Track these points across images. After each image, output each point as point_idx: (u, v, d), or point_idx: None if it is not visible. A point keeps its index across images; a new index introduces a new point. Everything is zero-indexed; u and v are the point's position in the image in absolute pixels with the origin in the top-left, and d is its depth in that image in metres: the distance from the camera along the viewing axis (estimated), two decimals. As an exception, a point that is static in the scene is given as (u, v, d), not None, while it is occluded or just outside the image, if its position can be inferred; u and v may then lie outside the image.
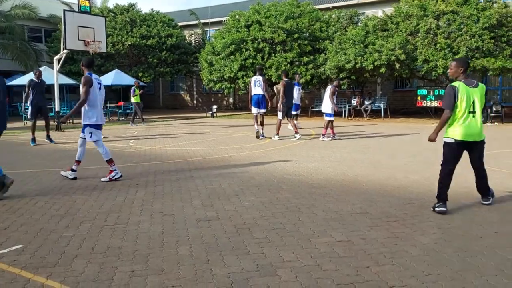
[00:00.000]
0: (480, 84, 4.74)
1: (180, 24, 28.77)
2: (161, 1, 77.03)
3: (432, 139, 4.94)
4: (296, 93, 13.90)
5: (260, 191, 5.75)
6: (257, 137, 11.69)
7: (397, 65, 16.19)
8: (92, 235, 4.10)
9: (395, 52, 15.88)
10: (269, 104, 11.53)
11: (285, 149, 9.76)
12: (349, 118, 19.34)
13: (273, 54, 19.76)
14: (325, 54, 19.27)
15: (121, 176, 6.56)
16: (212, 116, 21.93)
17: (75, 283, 3.09)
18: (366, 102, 19.69)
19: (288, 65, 19.33)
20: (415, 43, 16.39)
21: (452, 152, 4.75)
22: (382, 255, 3.54)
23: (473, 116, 4.62)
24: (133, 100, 17.35)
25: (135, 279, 3.15)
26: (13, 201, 5.40)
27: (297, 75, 15.69)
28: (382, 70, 16.49)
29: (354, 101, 20.22)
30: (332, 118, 11.23)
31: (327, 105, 11.29)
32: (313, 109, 22.01)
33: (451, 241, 3.82)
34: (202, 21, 29.15)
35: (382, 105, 19.69)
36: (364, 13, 22.49)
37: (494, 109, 16.38)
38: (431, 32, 16.06)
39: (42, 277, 3.20)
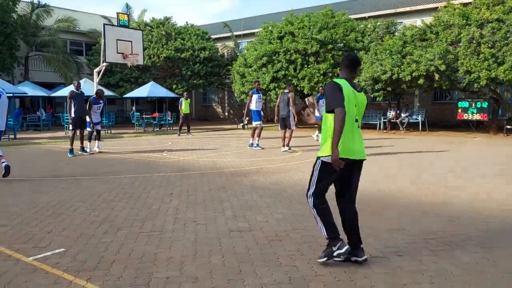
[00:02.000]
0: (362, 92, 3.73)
1: (213, 36, 29.27)
2: (196, 14, 78.82)
3: (335, 160, 3.38)
4: (321, 105, 13.99)
5: (292, 204, 5.68)
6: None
7: (437, 76, 15.72)
8: (129, 241, 4.17)
9: (434, 62, 15.45)
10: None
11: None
12: (385, 131, 18.94)
13: (306, 66, 19.69)
14: (360, 64, 19.00)
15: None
16: (243, 128, 22.03)
17: (113, 287, 3.16)
18: (402, 115, 19.22)
19: (321, 76, 19.19)
20: (456, 53, 15.87)
21: (332, 175, 3.55)
22: (421, 273, 3.39)
23: (358, 126, 3.59)
24: (182, 111, 17.76)
25: (170, 286, 3.18)
26: (56, 206, 5.58)
27: (321, 88, 15.70)
28: (421, 81, 16.07)
29: (390, 114, 19.79)
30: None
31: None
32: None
33: (496, 261, 3.62)
34: (235, 33, 29.53)
35: (419, 118, 19.15)
36: (401, 22, 22.05)
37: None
38: (474, 41, 15.49)
39: (83, 280, 3.30)
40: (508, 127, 16.48)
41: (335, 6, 25.66)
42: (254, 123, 12.40)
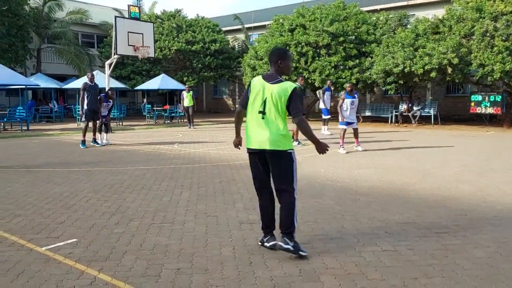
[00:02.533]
0: (288, 84, 3.59)
1: (224, 29, 29.18)
2: (207, 7, 78.62)
3: (234, 144, 4.21)
4: (326, 98, 14.22)
5: (302, 197, 5.66)
6: None
7: (450, 70, 15.51)
8: (141, 232, 4.22)
9: (447, 55, 15.23)
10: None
11: (328, 155, 9.61)
12: (396, 125, 18.78)
13: (317, 58, 19.55)
14: (372, 57, 18.83)
15: None
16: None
17: (124, 278, 3.20)
18: (414, 108, 19.03)
19: (332, 69, 19.05)
20: (470, 46, 15.62)
21: (250, 165, 3.81)
22: (432, 267, 3.38)
23: (263, 118, 3.60)
24: (186, 104, 17.78)
25: (181, 277, 3.20)
26: (68, 197, 5.66)
27: (329, 81, 15.64)
28: (433, 74, 15.87)
29: (402, 107, 19.60)
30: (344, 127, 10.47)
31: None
32: (357, 115, 21.51)
33: (509, 256, 3.59)
34: (246, 25, 29.40)
35: (432, 111, 18.93)
36: (414, 15, 21.74)
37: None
38: (488, 34, 15.22)
39: (95, 270, 3.34)
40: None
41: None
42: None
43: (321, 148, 3.69)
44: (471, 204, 5.28)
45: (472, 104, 17.27)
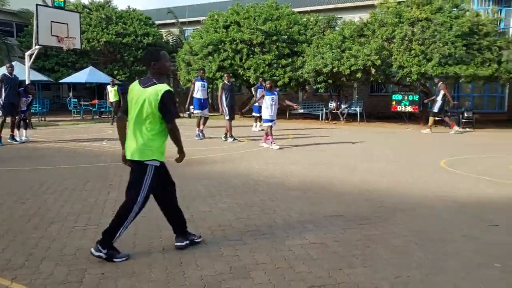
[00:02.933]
0: (160, 87, 3.40)
1: (157, 22, 28.47)
2: (139, -1, 75.90)
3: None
4: (259, 95, 14.44)
5: (236, 193, 5.74)
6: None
7: (373, 70, 16.46)
8: (62, 237, 4.00)
9: (371, 57, 16.14)
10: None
11: (263, 151, 9.78)
12: (326, 122, 19.54)
13: (252, 56, 19.79)
14: (303, 57, 19.42)
15: None
16: (189, 116, 21.76)
17: (42, 286, 3.02)
18: (342, 106, 19.93)
19: (267, 67, 19.40)
20: (391, 49, 16.70)
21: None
22: (355, 257, 3.58)
23: (134, 124, 3.50)
24: (111, 99, 16.95)
25: (105, 282, 3.09)
26: (-21, 200, 5.22)
27: (261, 78, 15.93)
28: (358, 75, 16.73)
29: (332, 105, 20.44)
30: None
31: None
32: (290, 112, 22.16)
33: (421, 244, 3.90)
34: (180, 20, 28.93)
35: (358, 109, 19.97)
36: (341, 17, 22.77)
37: (465, 115, 16.84)
38: (406, 38, 16.38)
39: (7, 279, 3.11)
40: (437, 118, 17.64)
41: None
42: (195, 112, 12.24)
43: (181, 158, 3.75)
44: (391, 196, 5.66)
45: (393, 103, 18.43)
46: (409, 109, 18.02)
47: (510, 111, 20.28)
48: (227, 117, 11.58)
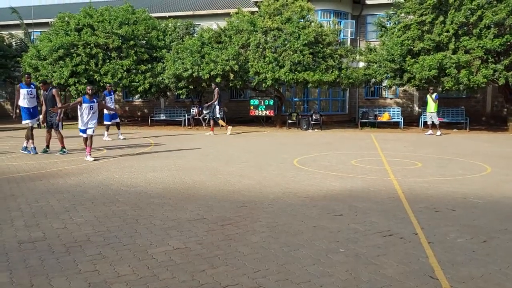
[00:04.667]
0: None
1: (-3, 23, 25.27)
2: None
3: None
4: (111, 103, 14.36)
5: (94, 206, 5.43)
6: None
7: (232, 76, 17.16)
8: None
9: (229, 63, 16.80)
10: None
11: (122, 160, 9.41)
12: (189, 127, 19.65)
13: (108, 61, 18.86)
14: (163, 63, 19.24)
15: None
16: (39, 126, 19.69)
17: None
18: (204, 112, 20.28)
19: (125, 72, 18.70)
20: (247, 55, 17.63)
21: None
22: (217, 257, 3.72)
23: None
24: None
25: None
26: None
27: (108, 85, 15.46)
28: (218, 79, 17.25)
29: (194, 111, 20.63)
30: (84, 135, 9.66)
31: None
32: (152, 118, 21.74)
33: (278, 238, 4.24)
34: (26, 21, 26.05)
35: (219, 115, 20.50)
36: (199, 24, 23.21)
37: (314, 117, 18.65)
38: (261, 46, 17.49)
39: None
40: (290, 121, 19.20)
41: (136, 2, 25.18)
42: (24, 122, 10.60)
43: None
44: (251, 195, 6.00)
45: (251, 107, 19.47)
46: (265, 113, 19.22)
47: (350, 112, 23.12)
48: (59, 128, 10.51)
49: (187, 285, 3.17)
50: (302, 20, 18.21)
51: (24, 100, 10.53)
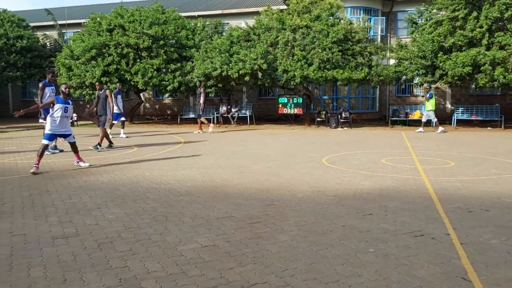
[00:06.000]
0: None
1: (33, 24, 26.15)
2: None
3: None
4: (119, 101, 14.41)
5: (125, 203, 5.54)
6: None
7: (260, 74, 17.15)
8: None
9: (257, 61, 16.80)
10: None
11: (152, 158, 9.57)
12: (218, 125, 19.79)
13: (139, 60, 19.22)
14: (192, 62, 19.44)
15: None
16: (72, 124, 20.31)
17: None
18: (233, 110, 20.38)
19: (155, 71, 19.02)
20: (275, 54, 17.58)
21: None
22: (245, 255, 3.72)
23: None
24: None
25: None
26: None
27: (118, 84, 15.70)
28: (247, 78, 17.28)
29: (222, 109, 20.77)
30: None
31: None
32: (182, 117, 22.04)
33: (306, 237, 4.20)
34: (59, 22, 26.88)
35: (248, 113, 20.61)
36: (228, 23, 23.30)
37: (343, 115, 18.42)
38: (289, 44, 17.40)
39: None
40: (319, 119, 19.02)
41: (166, 2, 25.56)
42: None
43: None
44: (279, 194, 5.98)
45: (280, 105, 19.42)
46: (294, 111, 19.12)
47: (381, 110, 22.70)
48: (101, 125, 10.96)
49: (215, 282, 3.18)
50: (331, 17, 17.99)
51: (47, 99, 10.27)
